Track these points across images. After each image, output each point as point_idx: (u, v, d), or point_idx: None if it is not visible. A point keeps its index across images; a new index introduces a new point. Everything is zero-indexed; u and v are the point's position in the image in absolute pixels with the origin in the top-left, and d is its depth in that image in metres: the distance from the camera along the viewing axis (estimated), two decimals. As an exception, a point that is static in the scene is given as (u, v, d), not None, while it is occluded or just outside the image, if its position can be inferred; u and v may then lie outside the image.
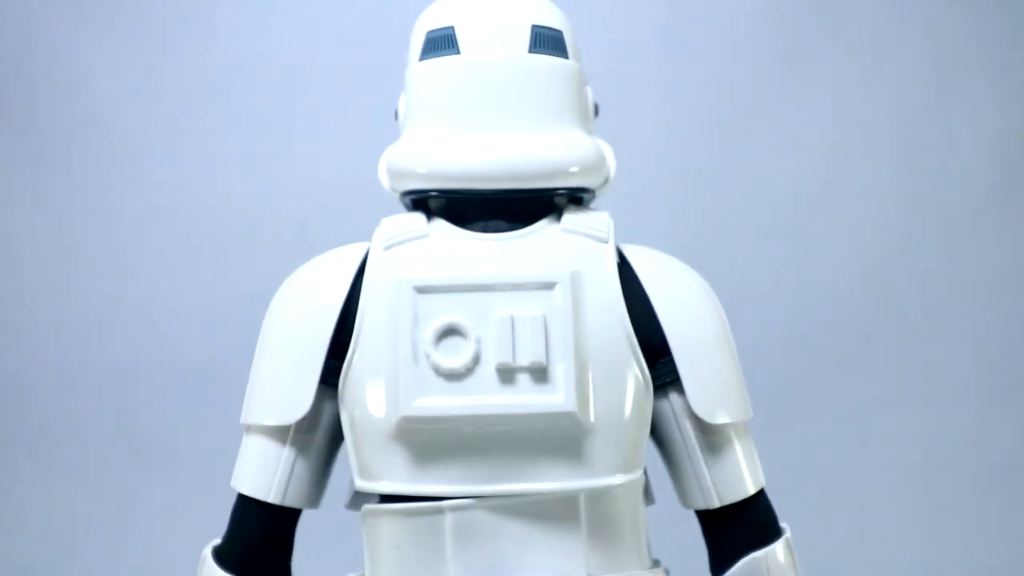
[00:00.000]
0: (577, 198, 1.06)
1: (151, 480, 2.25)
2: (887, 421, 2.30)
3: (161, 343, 2.30)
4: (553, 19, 1.06)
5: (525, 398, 0.94)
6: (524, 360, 0.94)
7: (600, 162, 1.05)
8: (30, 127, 2.34)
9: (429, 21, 1.06)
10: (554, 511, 0.96)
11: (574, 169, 1.02)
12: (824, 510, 2.22)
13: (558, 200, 1.05)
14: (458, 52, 1.03)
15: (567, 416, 0.94)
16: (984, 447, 2.29)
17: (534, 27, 1.04)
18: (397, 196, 1.07)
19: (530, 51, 1.03)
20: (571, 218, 1.03)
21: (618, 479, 0.97)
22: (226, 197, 2.31)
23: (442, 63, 1.03)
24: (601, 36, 2.26)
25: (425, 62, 1.04)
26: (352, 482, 1.02)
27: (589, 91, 1.09)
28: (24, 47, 2.33)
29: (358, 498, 1.03)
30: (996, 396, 2.32)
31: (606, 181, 1.07)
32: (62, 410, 2.31)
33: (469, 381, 0.94)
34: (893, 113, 2.33)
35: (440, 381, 0.94)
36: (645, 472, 1.04)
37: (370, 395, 0.97)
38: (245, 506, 1.03)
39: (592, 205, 1.08)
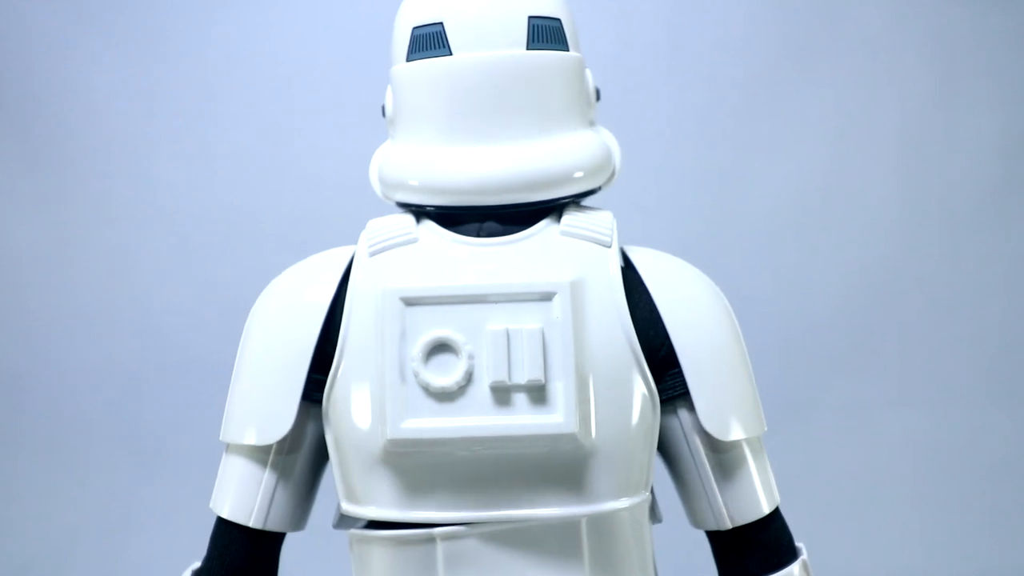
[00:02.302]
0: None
1: (151, 480, 2.26)
2: (887, 421, 2.30)
3: (161, 343, 2.30)
4: (550, 6, 0.96)
5: (522, 419, 0.86)
6: (520, 378, 0.86)
7: (606, 160, 0.96)
8: (30, 127, 2.34)
9: (414, 15, 0.96)
10: (553, 539, 0.89)
11: (579, 175, 0.94)
12: (824, 510, 2.22)
13: None
14: (449, 52, 0.93)
15: (567, 438, 0.87)
16: (984, 447, 2.30)
17: (531, 19, 0.94)
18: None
19: (528, 47, 0.93)
20: (572, 219, 0.94)
21: (623, 503, 0.90)
22: (226, 197, 2.31)
23: (433, 65, 0.93)
24: (602, 36, 2.27)
25: (414, 63, 0.94)
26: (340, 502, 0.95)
27: (589, 75, 0.99)
28: (24, 47, 2.33)
29: (347, 518, 0.96)
30: (996, 396, 2.32)
31: (612, 176, 0.98)
32: (62, 410, 2.31)
33: (461, 401, 0.86)
34: (894, 113, 2.33)
35: (430, 401, 0.86)
36: (651, 489, 0.96)
37: (355, 415, 0.89)
38: (225, 530, 0.96)
39: (593, 199, 0.99)
